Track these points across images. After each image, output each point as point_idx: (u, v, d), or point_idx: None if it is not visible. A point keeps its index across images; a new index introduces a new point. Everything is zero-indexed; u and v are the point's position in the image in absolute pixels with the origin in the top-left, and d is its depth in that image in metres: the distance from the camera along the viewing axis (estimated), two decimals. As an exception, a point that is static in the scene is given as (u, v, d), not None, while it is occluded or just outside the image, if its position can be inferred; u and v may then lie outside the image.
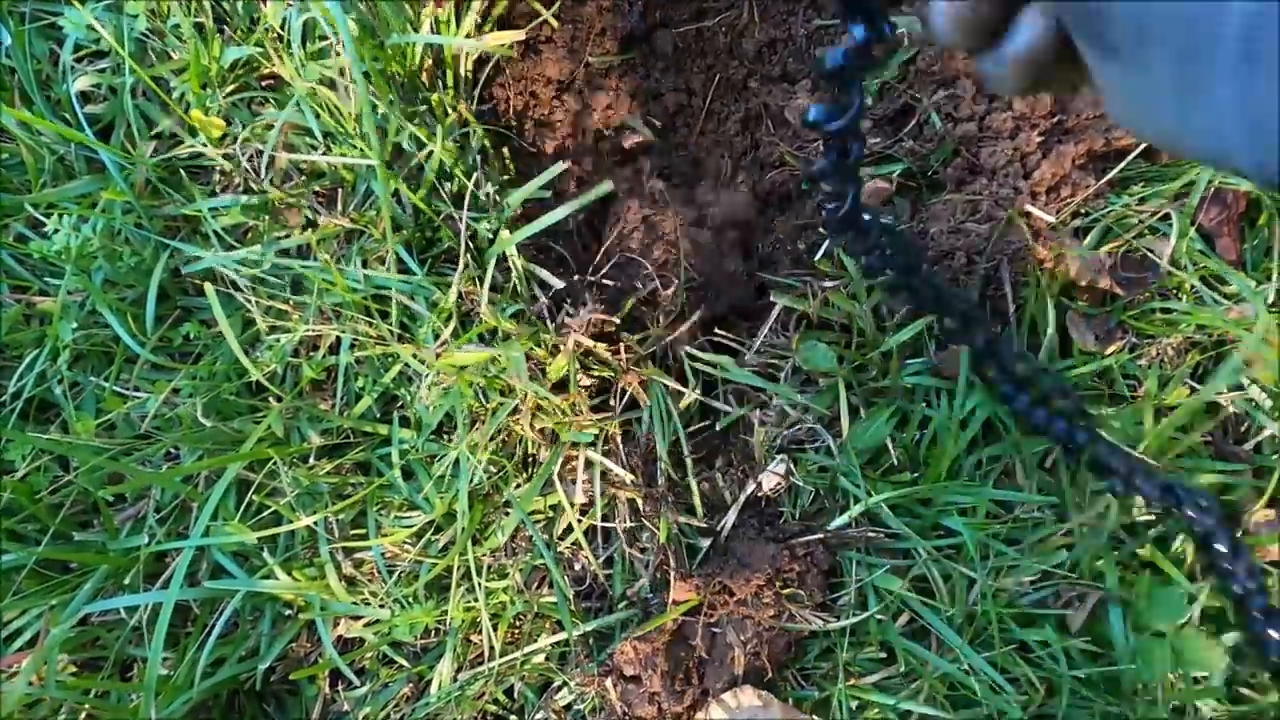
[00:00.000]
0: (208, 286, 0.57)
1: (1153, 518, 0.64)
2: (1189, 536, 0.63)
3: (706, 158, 0.83)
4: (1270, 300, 0.63)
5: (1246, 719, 0.62)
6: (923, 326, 0.64)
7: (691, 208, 0.80)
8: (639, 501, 0.65)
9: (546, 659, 0.67)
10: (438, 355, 0.62)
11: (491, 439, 0.65)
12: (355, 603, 0.64)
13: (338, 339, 0.67)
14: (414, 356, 0.62)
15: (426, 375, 0.62)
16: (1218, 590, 0.63)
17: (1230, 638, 0.63)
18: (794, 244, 0.75)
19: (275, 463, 0.61)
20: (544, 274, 0.66)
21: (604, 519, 0.67)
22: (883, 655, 0.64)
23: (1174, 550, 0.63)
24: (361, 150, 0.65)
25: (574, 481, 0.67)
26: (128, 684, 0.59)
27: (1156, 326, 0.65)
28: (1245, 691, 0.64)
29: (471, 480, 0.63)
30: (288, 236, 0.67)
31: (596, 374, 0.66)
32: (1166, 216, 0.64)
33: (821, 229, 0.70)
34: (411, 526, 0.63)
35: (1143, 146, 0.66)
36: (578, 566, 0.68)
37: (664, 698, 0.63)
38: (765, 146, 0.78)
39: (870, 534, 0.64)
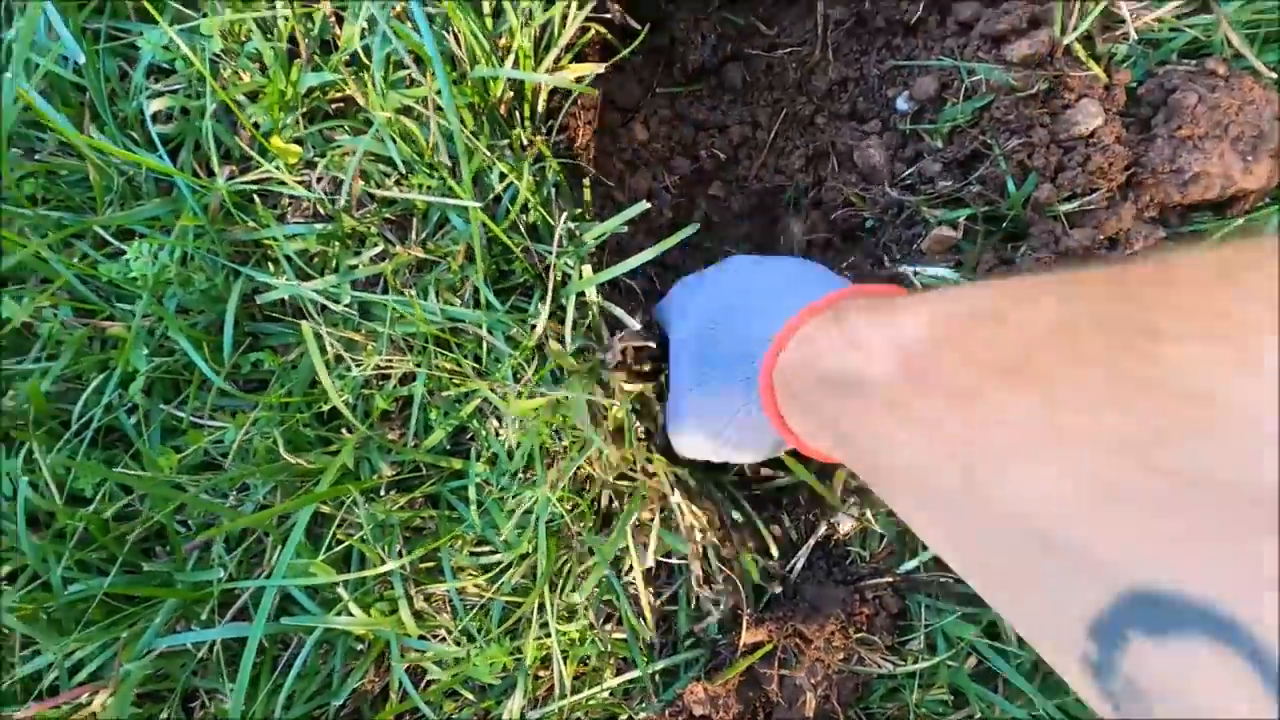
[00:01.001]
0: (305, 326, 0.57)
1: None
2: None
3: (767, 192, 0.83)
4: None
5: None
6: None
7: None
8: (716, 543, 0.65)
9: (612, 695, 0.67)
10: (517, 394, 0.62)
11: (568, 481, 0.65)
12: (425, 636, 0.64)
13: (410, 371, 0.66)
14: (492, 391, 0.62)
15: (507, 414, 0.62)
16: None
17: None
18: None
19: (358, 502, 0.61)
20: (619, 312, 0.66)
21: (672, 555, 0.67)
22: (950, 698, 0.65)
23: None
24: (443, 181, 0.64)
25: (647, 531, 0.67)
26: (183, 714, 0.58)
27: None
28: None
29: (549, 521, 0.63)
30: (359, 266, 0.66)
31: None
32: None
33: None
34: (487, 569, 0.63)
35: (1217, 201, 0.67)
36: (643, 603, 0.68)
37: (731, 736, 0.64)
38: (830, 185, 0.78)
39: (941, 578, 0.65)
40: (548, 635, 0.64)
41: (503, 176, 0.64)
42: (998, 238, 0.71)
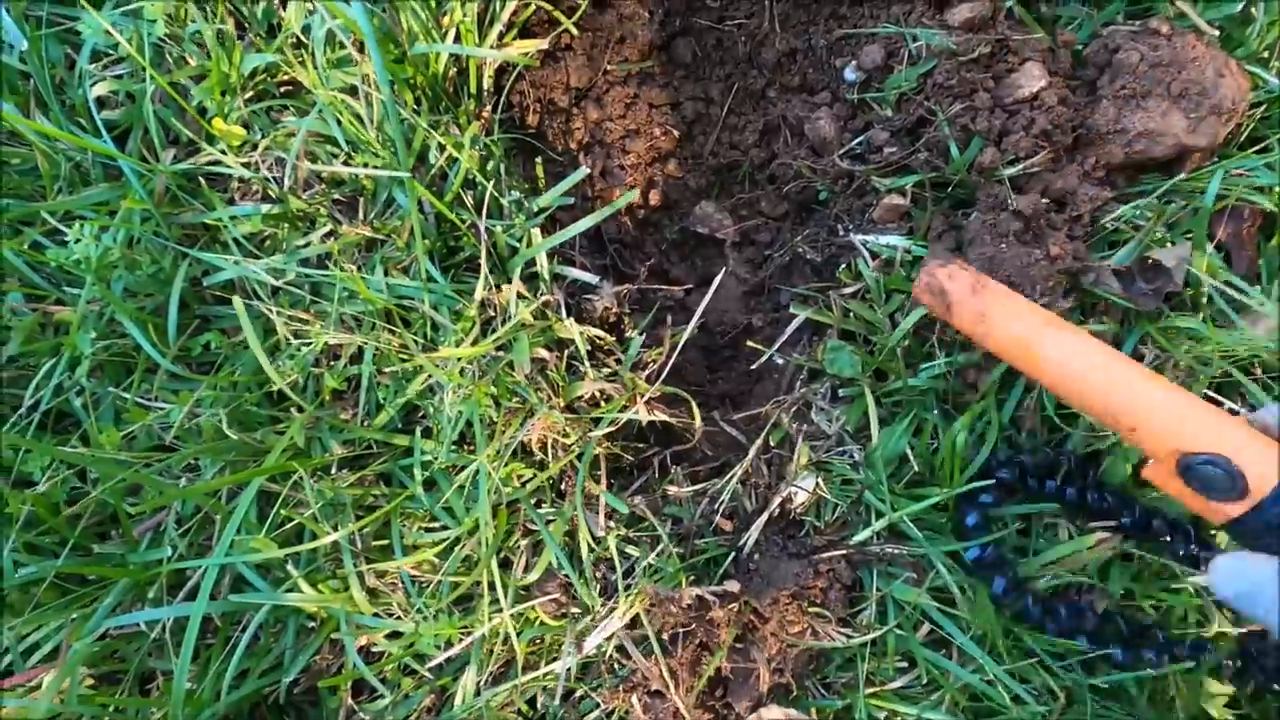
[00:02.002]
0: (236, 301, 0.57)
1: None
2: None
3: (724, 168, 0.83)
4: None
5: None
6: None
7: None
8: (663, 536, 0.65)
9: (569, 672, 0.67)
10: (459, 368, 0.62)
11: (514, 453, 0.65)
12: (379, 614, 0.64)
13: (358, 349, 0.67)
14: (435, 365, 0.62)
15: (447, 385, 0.62)
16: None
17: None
18: (812, 255, 0.76)
19: (299, 475, 0.61)
20: (576, 272, 0.66)
21: (628, 540, 0.67)
22: (904, 664, 0.65)
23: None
24: (385, 159, 0.64)
25: (597, 512, 0.67)
26: (149, 699, 0.59)
27: (1175, 345, 0.66)
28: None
29: (493, 492, 0.63)
30: (308, 245, 0.67)
31: (607, 396, 0.66)
32: (1186, 231, 0.65)
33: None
34: (436, 543, 0.63)
35: (1159, 160, 0.66)
36: (600, 576, 0.68)
37: (688, 713, 0.63)
38: (782, 160, 0.78)
39: (892, 549, 0.65)
40: (499, 611, 0.64)
41: (442, 150, 0.64)
42: (947, 204, 0.71)
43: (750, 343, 0.76)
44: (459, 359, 0.60)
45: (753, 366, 0.75)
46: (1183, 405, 0.48)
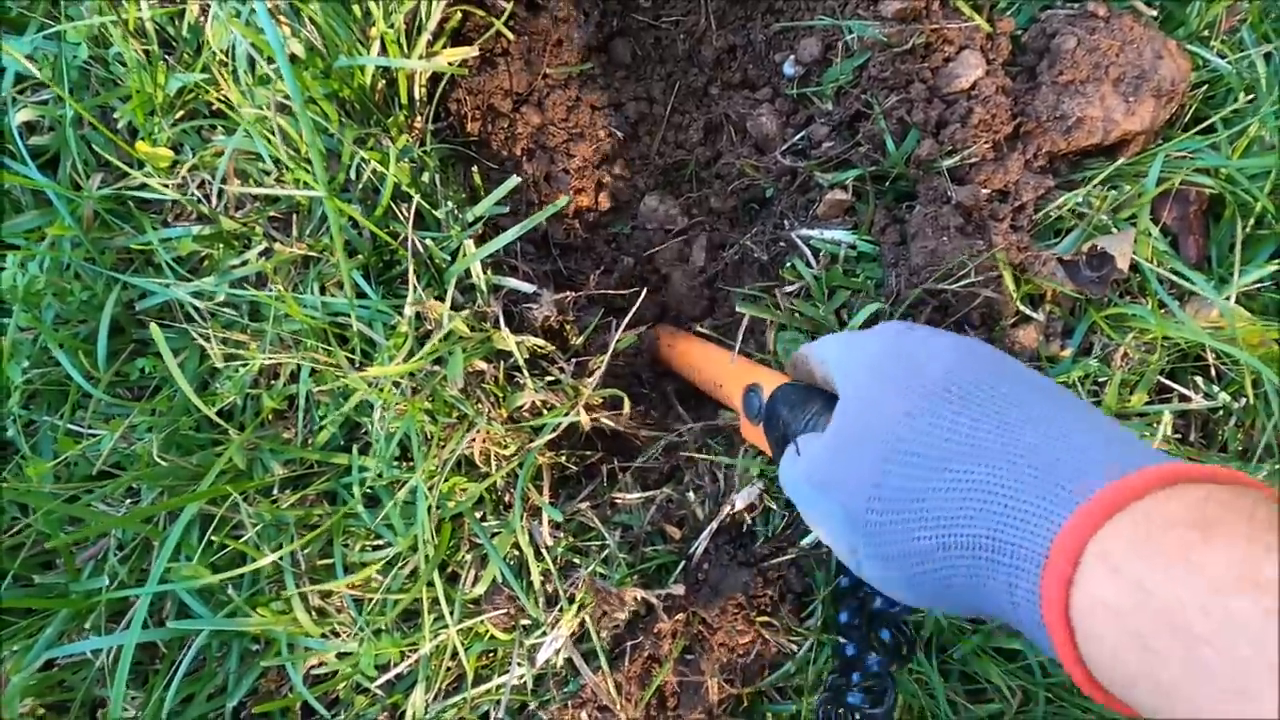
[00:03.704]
0: (154, 327, 0.56)
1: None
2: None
3: (670, 168, 0.82)
4: (1232, 297, 0.62)
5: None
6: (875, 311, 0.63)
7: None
8: (610, 546, 0.64)
9: (523, 687, 0.67)
10: (394, 383, 0.61)
11: (457, 466, 0.64)
12: (324, 635, 0.64)
13: (297, 368, 0.66)
14: (365, 383, 0.61)
15: (378, 403, 0.61)
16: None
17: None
18: (759, 254, 0.75)
19: (239, 503, 0.60)
20: (513, 282, 0.65)
21: (574, 552, 0.67)
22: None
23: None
24: (310, 178, 0.63)
25: (540, 524, 0.66)
26: None
27: (1121, 335, 0.65)
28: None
29: (434, 507, 0.62)
30: (243, 265, 0.66)
31: (549, 403, 0.65)
32: (1130, 216, 0.64)
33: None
34: (378, 560, 0.62)
35: (1101, 146, 0.65)
36: (550, 590, 0.67)
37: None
38: (726, 159, 0.77)
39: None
40: (445, 627, 0.63)
41: (365, 164, 0.63)
42: (890, 197, 0.70)
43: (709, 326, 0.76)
44: (391, 376, 0.59)
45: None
46: (744, 363, 0.64)
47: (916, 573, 0.36)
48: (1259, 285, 0.65)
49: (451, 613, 0.63)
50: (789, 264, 0.70)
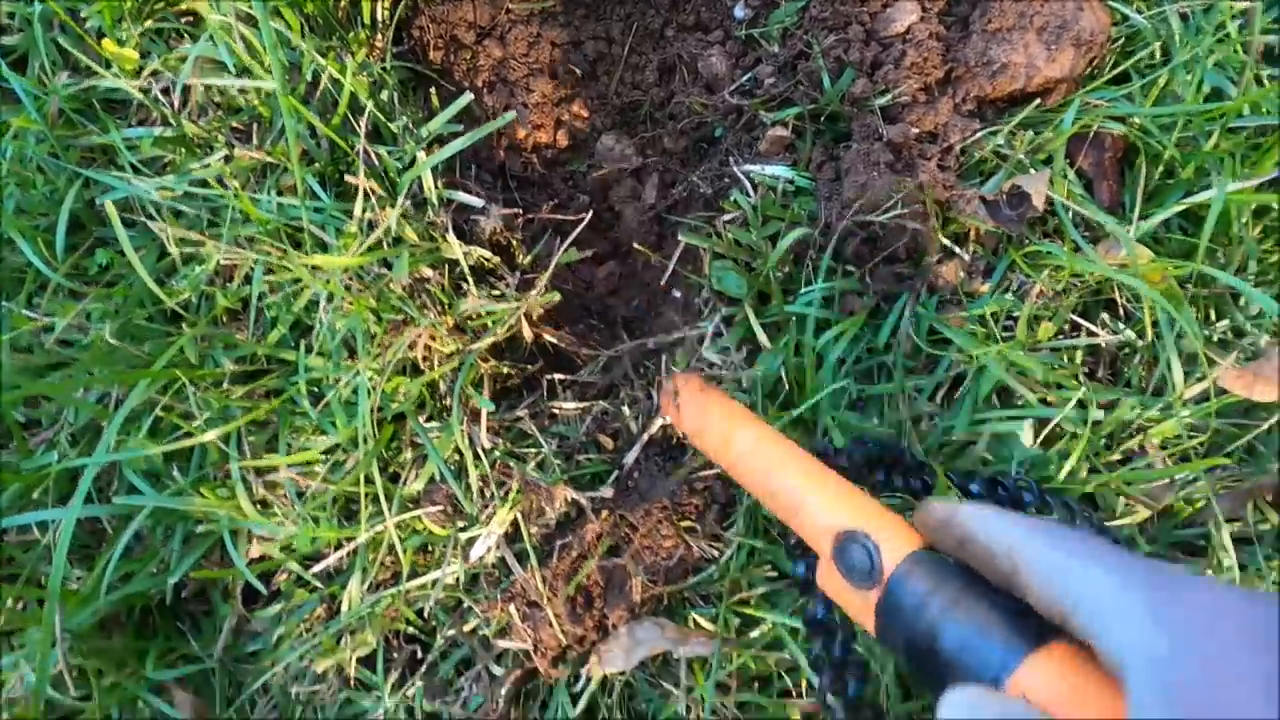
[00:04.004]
0: (109, 207, 0.59)
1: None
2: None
3: (627, 107, 0.85)
4: (1134, 234, 0.66)
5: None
6: (801, 236, 0.67)
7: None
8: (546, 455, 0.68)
9: (456, 583, 0.70)
10: (344, 282, 0.64)
11: (402, 370, 0.67)
12: (264, 520, 0.66)
13: (251, 271, 0.68)
14: (311, 275, 0.64)
15: (325, 293, 0.64)
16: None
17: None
18: (705, 189, 0.78)
19: (187, 387, 0.63)
20: (462, 196, 0.68)
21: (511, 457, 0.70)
22: (773, 574, 0.67)
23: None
24: (271, 80, 0.66)
25: (478, 421, 0.69)
26: (36, 589, 0.61)
27: (1037, 271, 0.69)
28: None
29: (376, 407, 0.65)
30: (204, 169, 0.69)
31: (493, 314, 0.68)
32: (1048, 159, 0.68)
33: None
34: (320, 446, 0.65)
35: (1029, 91, 0.69)
36: (487, 495, 0.70)
37: (565, 622, 0.66)
38: (678, 99, 0.81)
39: None
40: (382, 520, 0.66)
41: (334, 78, 0.66)
42: (829, 137, 0.73)
43: (651, 272, 0.79)
44: (340, 269, 0.62)
45: (647, 297, 0.78)
46: (833, 483, 0.46)
47: None
48: (1168, 232, 0.69)
49: (390, 508, 0.66)
50: (731, 197, 0.73)
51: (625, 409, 0.72)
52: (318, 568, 0.66)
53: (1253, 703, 0.24)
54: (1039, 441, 0.67)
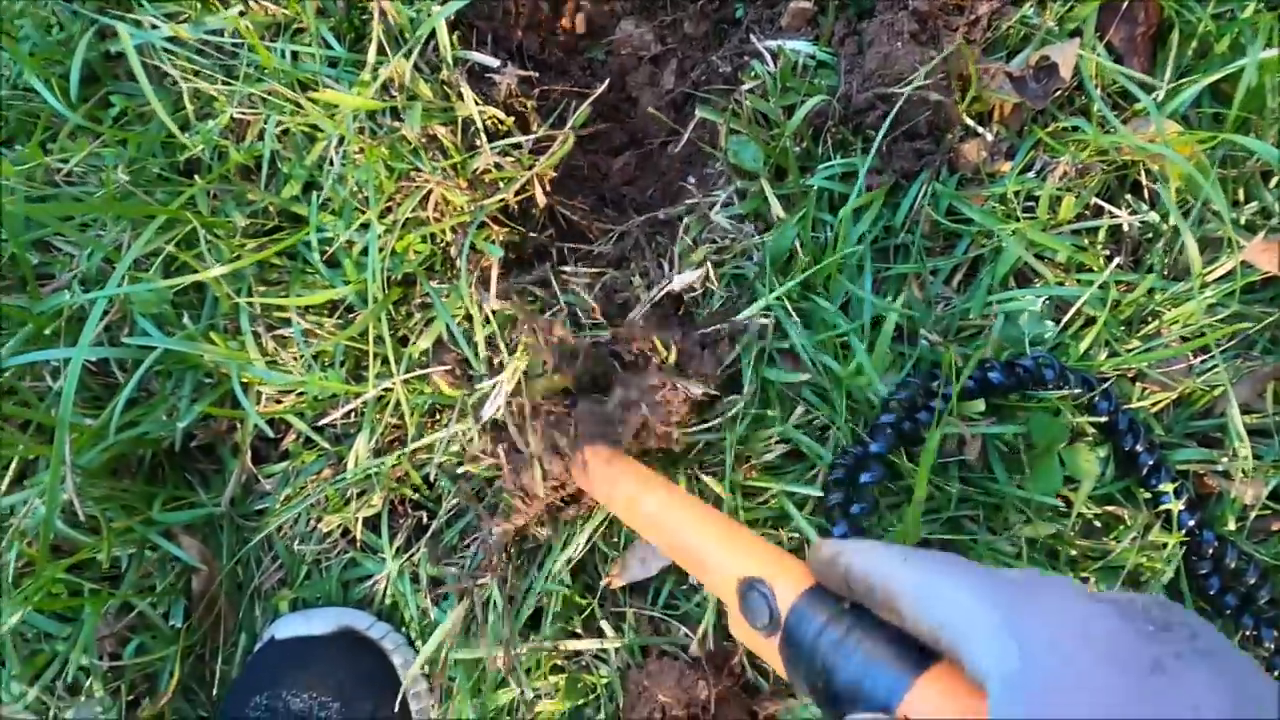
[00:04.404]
0: (127, 45, 0.58)
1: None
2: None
3: (647, -11, 0.84)
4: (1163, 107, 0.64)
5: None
6: (822, 103, 0.66)
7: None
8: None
9: (462, 448, 0.70)
10: (356, 127, 0.63)
11: (410, 228, 0.66)
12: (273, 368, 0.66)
13: (264, 128, 0.68)
14: (322, 112, 0.63)
15: (336, 135, 0.63)
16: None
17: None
18: (724, 68, 0.77)
19: (199, 232, 0.63)
20: (477, 55, 0.67)
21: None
22: (783, 445, 0.67)
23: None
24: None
25: (487, 287, 0.68)
26: (49, 417, 0.61)
27: (1065, 147, 0.67)
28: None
29: (386, 264, 0.64)
30: (220, 20, 0.68)
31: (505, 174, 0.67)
32: (1077, 29, 0.66)
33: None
34: (329, 295, 0.65)
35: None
36: (496, 361, 0.70)
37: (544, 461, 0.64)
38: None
39: (764, 320, 0.66)
40: (391, 377, 0.66)
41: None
42: (851, 12, 0.72)
43: (667, 161, 0.78)
44: (352, 113, 0.62)
45: (663, 171, 0.77)
46: (736, 536, 0.47)
47: None
48: (1199, 111, 0.67)
49: (399, 368, 0.66)
50: (751, 71, 0.72)
51: (635, 279, 0.71)
52: (326, 420, 0.66)
53: (1094, 706, 0.25)
54: (1060, 327, 0.66)
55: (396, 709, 0.66)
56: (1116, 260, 0.67)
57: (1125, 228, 0.68)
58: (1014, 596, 0.30)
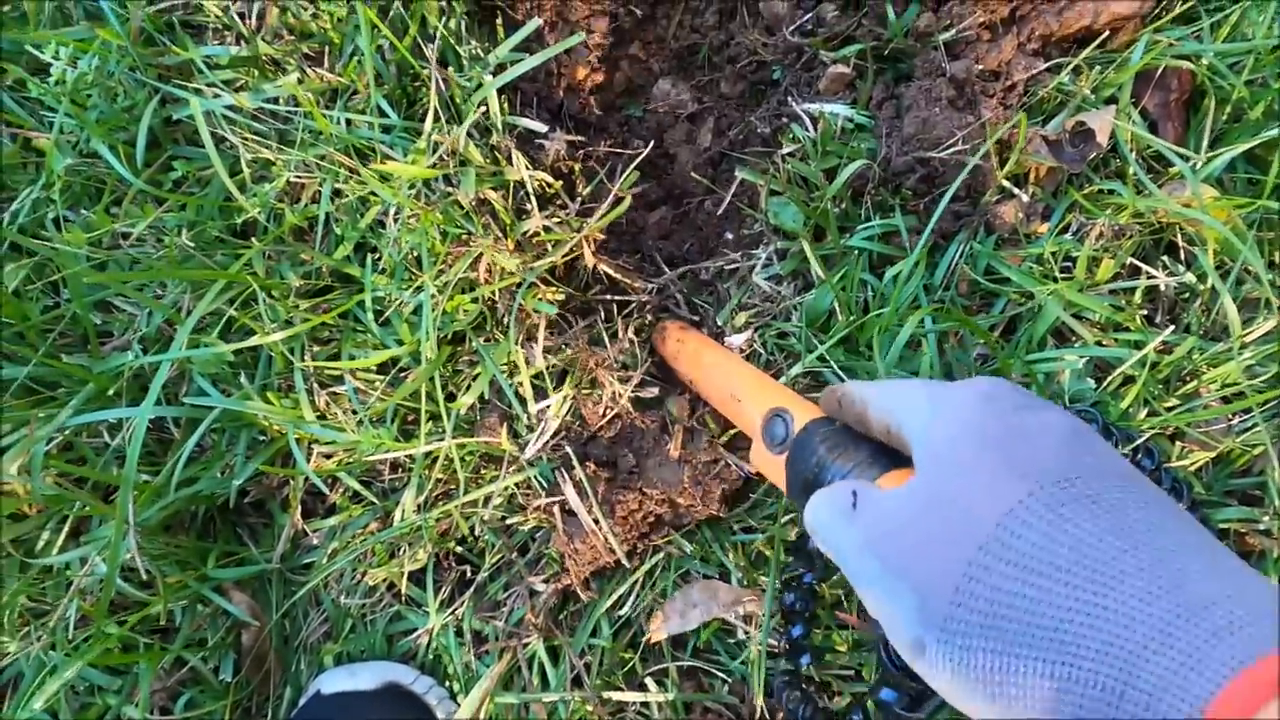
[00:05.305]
0: (196, 108, 0.60)
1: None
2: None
3: (685, 50, 0.86)
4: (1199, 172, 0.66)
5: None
6: (862, 167, 0.67)
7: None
8: (601, 367, 0.69)
9: (509, 500, 0.71)
10: (411, 193, 0.65)
11: (461, 290, 0.68)
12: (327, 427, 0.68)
13: (318, 192, 0.70)
14: (379, 181, 0.65)
15: (394, 204, 0.65)
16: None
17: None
18: (763, 129, 0.79)
19: (257, 294, 0.65)
20: (526, 122, 0.69)
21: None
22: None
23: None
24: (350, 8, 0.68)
25: (534, 342, 0.70)
26: (109, 475, 0.63)
27: (1100, 210, 0.69)
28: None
29: (438, 322, 0.66)
30: (279, 87, 0.70)
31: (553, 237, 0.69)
32: (1112, 97, 0.68)
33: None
34: (382, 357, 0.66)
35: (1095, 29, 0.69)
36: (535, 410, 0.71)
37: (602, 529, 0.66)
38: (738, 41, 0.81)
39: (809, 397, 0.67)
40: (440, 436, 0.67)
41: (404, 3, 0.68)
42: (889, 76, 0.74)
43: (704, 216, 0.80)
44: (407, 181, 0.63)
45: (703, 231, 0.78)
46: (770, 382, 0.59)
47: (1004, 693, 0.30)
48: (1233, 175, 0.69)
49: (449, 424, 0.67)
50: (790, 134, 0.74)
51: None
52: (380, 463, 0.68)
53: (975, 430, 0.35)
54: (1100, 387, 0.67)
55: (442, 764, 0.67)
56: (1159, 324, 0.67)
57: (1162, 288, 0.69)
58: (939, 385, 0.40)
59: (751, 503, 0.70)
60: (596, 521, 0.65)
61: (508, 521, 0.70)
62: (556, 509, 0.65)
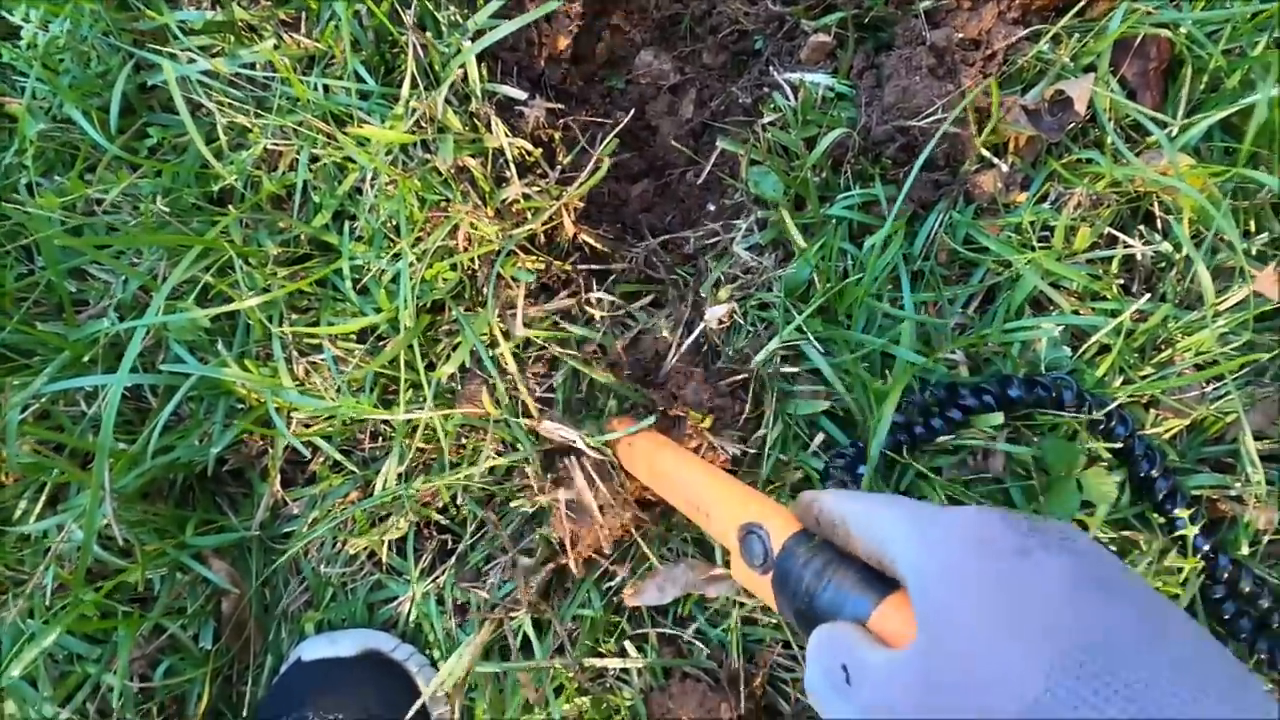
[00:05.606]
0: (170, 75, 0.60)
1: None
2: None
3: (667, 20, 0.85)
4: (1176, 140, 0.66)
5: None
6: (842, 135, 0.67)
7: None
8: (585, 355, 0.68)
9: (491, 471, 0.71)
10: (388, 158, 0.65)
11: (440, 257, 0.68)
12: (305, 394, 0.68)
13: (296, 159, 0.70)
14: (356, 145, 0.64)
15: (371, 169, 0.65)
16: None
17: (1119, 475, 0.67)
18: (744, 99, 0.78)
19: (234, 260, 0.64)
20: (506, 88, 0.68)
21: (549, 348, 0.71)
22: (803, 479, 0.68)
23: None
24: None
25: (514, 313, 0.69)
26: (86, 442, 0.62)
27: (1079, 179, 0.69)
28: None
29: (416, 289, 0.66)
30: (255, 53, 0.69)
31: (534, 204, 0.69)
32: (1090, 65, 0.68)
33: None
34: (360, 324, 0.66)
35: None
36: (519, 386, 0.71)
37: (607, 513, 0.66)
38: (719, 10, 0.81)
39: (790, 369, 0.67)
40: (421, 406, 0.67)
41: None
42: (870, 46, 0.74)
43: (686, 188, 0.80)
44: (385, 146, 0.63)
45: (684, 200, 0.78)
46: (737, 488, 0.53)
47: None
48: (1209, 144, 0.69)
49: (429, 392, 0.67)
50: (771, 103, 0.74)
51: (661, 321, 0.72)
52: (359, 455, 0.68)
53: (971, 580, 0.33)
54: (1076, 355, 0.67)
55: (422, 730, 0.67)
56: (1135, 292, 0.68)
57: (1138, 257, 0.69)
58: (928, 516, 0.37)
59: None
60: (602, 509, 0.65)
61: (493, 496, 0.70)
62: (561, 492, 0.65)
